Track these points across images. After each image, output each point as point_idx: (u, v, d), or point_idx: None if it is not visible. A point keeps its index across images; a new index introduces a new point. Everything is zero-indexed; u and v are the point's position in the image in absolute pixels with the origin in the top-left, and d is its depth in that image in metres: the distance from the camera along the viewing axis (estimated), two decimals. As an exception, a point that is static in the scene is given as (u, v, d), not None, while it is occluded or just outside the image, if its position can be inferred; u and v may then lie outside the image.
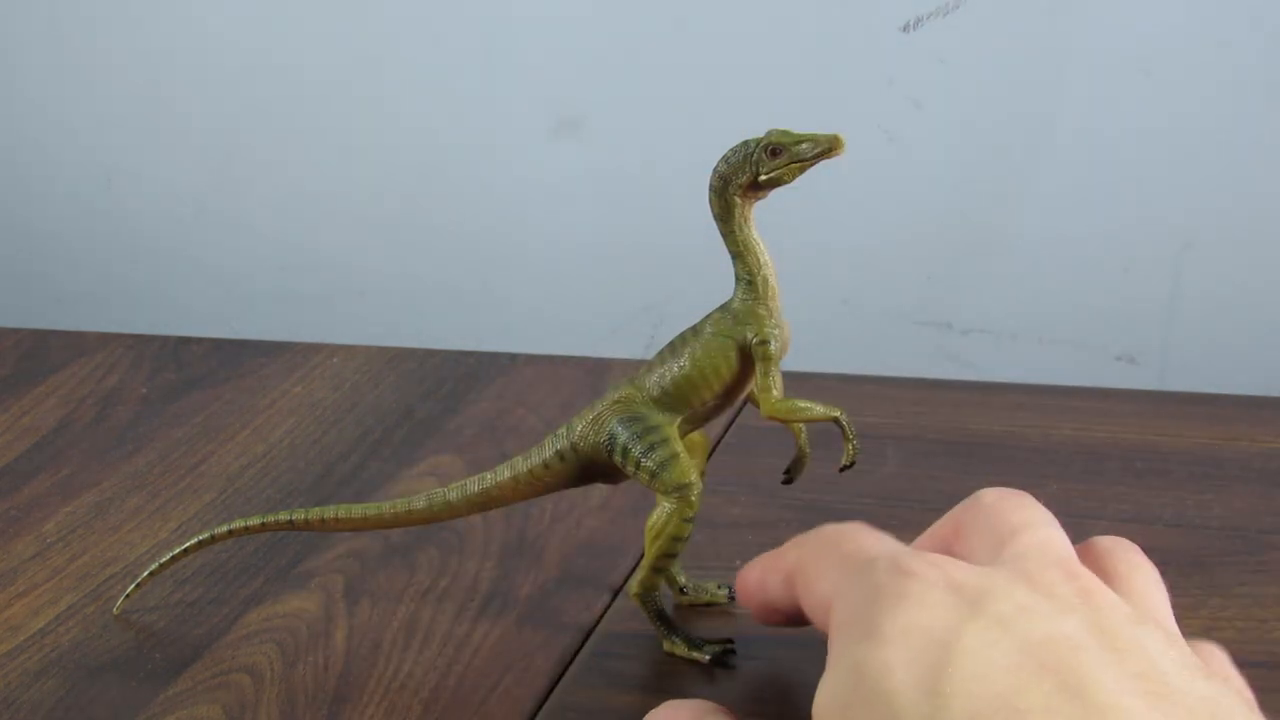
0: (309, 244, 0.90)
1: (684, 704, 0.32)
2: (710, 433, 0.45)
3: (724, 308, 0.38)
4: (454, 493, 0.41)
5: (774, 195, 0.38)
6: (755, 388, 0.38)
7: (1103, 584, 0.29)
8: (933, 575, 0.29)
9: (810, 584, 0.32)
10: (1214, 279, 0.76)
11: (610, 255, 0.84)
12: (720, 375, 0.38)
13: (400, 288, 0.89)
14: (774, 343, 0.37)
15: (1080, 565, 0.30)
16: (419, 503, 0.41)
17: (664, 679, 0.39)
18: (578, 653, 0.41)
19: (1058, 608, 0.28)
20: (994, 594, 0.28)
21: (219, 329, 0.88)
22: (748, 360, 0.38)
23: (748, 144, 0.37)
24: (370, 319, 0.90)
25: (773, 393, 0.37)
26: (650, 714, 0.33)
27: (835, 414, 0.37)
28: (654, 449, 0.38)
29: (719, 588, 0.42)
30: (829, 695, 0.28)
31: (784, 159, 0.36)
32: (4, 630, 0.43)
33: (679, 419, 0.38)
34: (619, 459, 0.38)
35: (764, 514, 0.47)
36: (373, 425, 0.57)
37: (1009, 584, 0.28)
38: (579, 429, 0.39)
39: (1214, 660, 0.30)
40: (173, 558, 0.43)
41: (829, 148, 0.36)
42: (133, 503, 0.51)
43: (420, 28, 0.83)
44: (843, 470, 0.38)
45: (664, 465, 0.38)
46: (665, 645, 0.40)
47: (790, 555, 0.34)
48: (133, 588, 0.43)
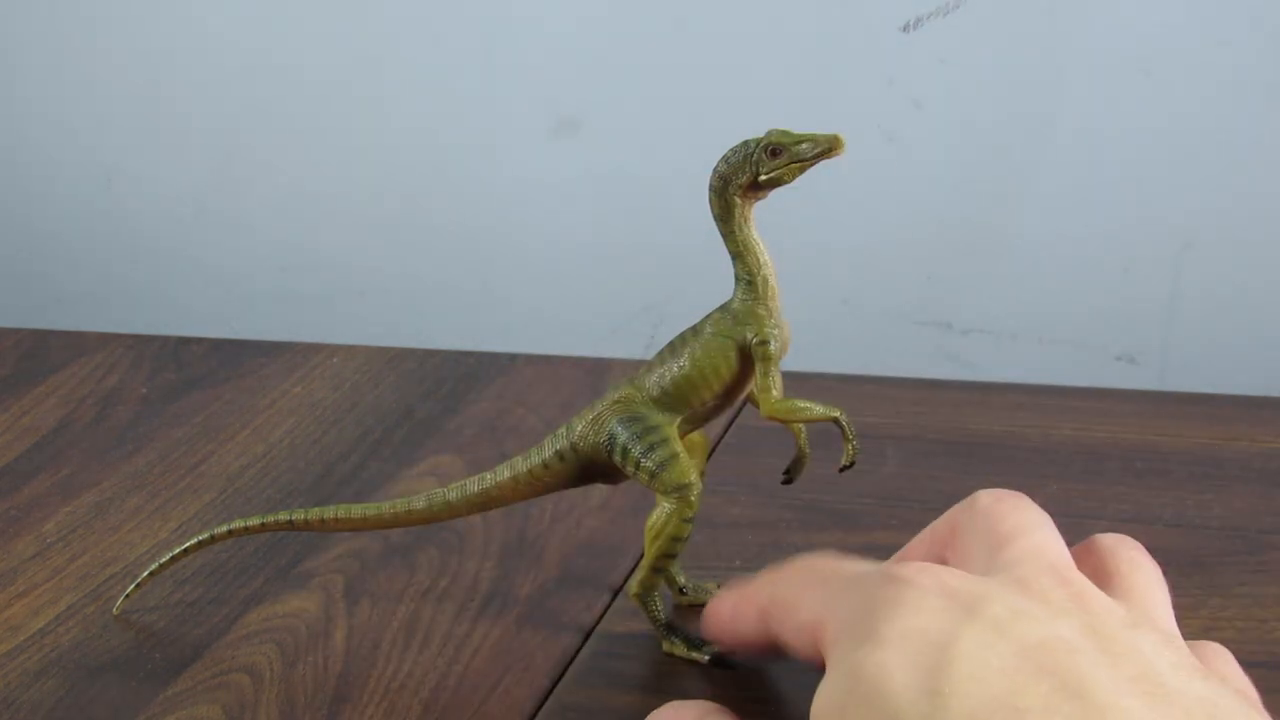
0: (309, 244, 0.90)
1: (686, 705, 0.32)
2: (710, 433, 0.45)
3: (724, 308, 0.38)
4: (454, 493, 0.41)
5: (774, 195, 0.38)
6: (755, 388, 0.38)
7: (1096, 588, 0.29)
8: (926, 582, 0.29)
9: (790, 613, 0.32)
10: (1214, 279, 0.76)
11: (610, 255, 0.84)
12: (720, 375, 0.38)
13: (400, 288, 0.89)
14: (774, 343, 0.37)
15: (1074, 570, 0.30)
16: (419, 503, 0.41)
17: (664, 679, 0.39)
18: (578, 653, 0.41)
19: (1052, 612, 0.28)
20: (988, 599, 0.28)
21: (219, 329, 0.88)
22: (747, 360, 0.38)
23: (748, 144, 0.37)
24: (370, 319, 0.90)
25: (772, 393, 0.37)
26: (652, 715, 0.33)
27: (835, 414, 0.37)
28: (654, 449, 0.38)
29: (719, 588, 0.42)
30: (827, 698, 0.28)
31: (784, 159, 0.36)
32: (4, 630, 0.43)
33: (679, 419, 0.38)
34: (619, 459, 0.38)
35: (764, 514, 0.47)
36: (373, 425, 0.57)
37: (1003, 590, 0.29)
38: (579, 429, 0.39)
39: (1219, 661, 0.30)
40: (172, 558, 0.43)
41: (829, 148, 0.36)
42: (133, 503, 0.51)
43: (420, 28, 0.83)
44: (842, 470, 0.38)
45: (663, 465, 0.38)
46: (665, 645, 0.40)
47: (764, 590, 0.34)
48: (132, 588, 0.43)
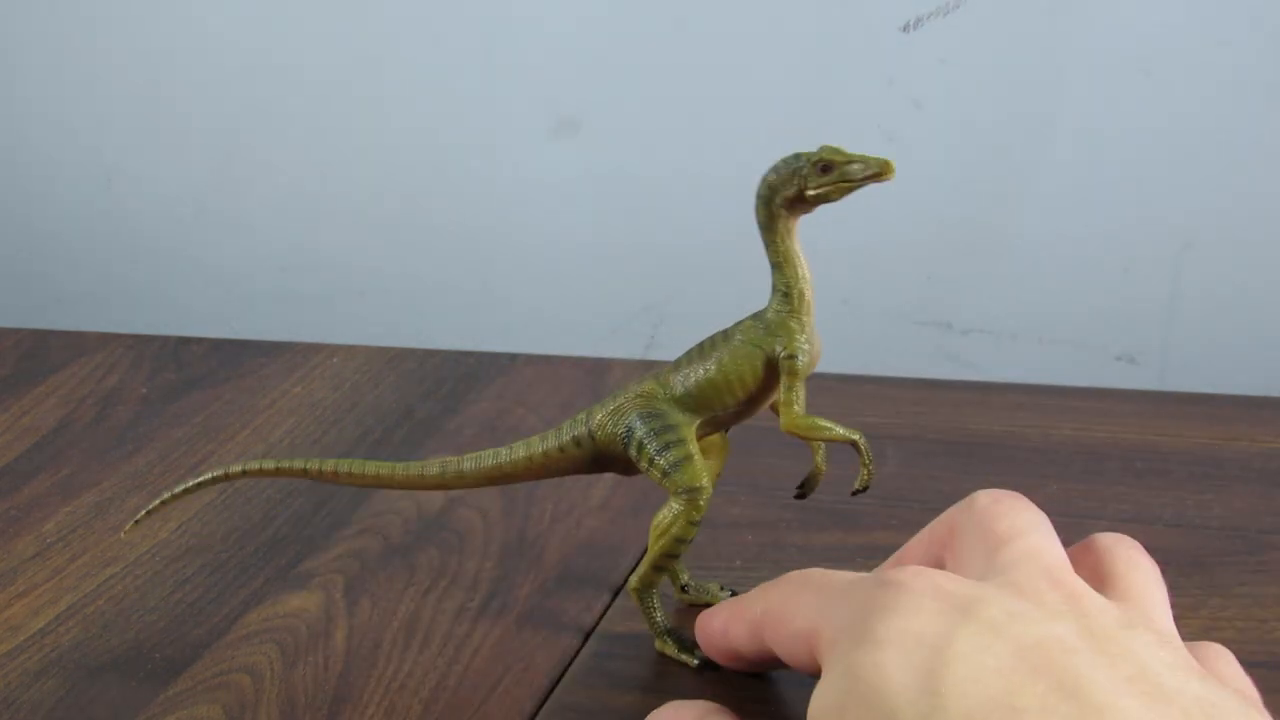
0: (309, 244, 0.90)
1: (685, 705, 0.32)
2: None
3: (757, 316, 0.38)
4: (468, 463, 0.41)
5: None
6: (778, 401, 0.38)
7: (1091, 590, 0.29)
8: (921, 585, 0.29)
9: (785, 623, 0.33)
10: (1214, 279, 0.76)
11: (610, 255, 0.84)
12: (745, 383, 0.38)
13: (400, 288, 0.89)
14: (801, 358, 0.37)
15: (1069, 572, 0.30)
16: (432, 468, 0.41)
17: (664, 679, 0.39)
18: (578, 653, 0.41)
19: (1047, 614, 0.28)
20: (983, 601, 0.28)
21: (219, 329, 0.88)
22: (774, 372, 0.38)
23: (799, 157, 0.36)
24: (370, 319, 0.90)
25: (795, 408, 0.37)
26: (652, 715, 0.33)
27: (854, 437, 0.37)
28: (669, 448, 0.38)
29: (721, 589, 0.42)
30: (824, 699, 0.28)
31: (833, 177, 0.36)
32: (4, 630, 0.43)
33: (699, 421, 0.38)
34: (634, 453, 0.38)
35: (764, 514, 0.47)
36: (373, 425, 0.57)
37: (998, 593, 0.29)
38: (599, 417, 0.39)
39: (1220, 661, 0.30)
40: (185, 490, 0.43)
41: (879, 171, 0.35)
42: (133, 503, 0.51)
43: (420, 28, 0.83)
44: (855, 494, 0.38)
45: (677, 465, 0.38)
46: (657, 644, 0.40)
47: (756, 605, 0.34)
48: (143, 514, 0.44)
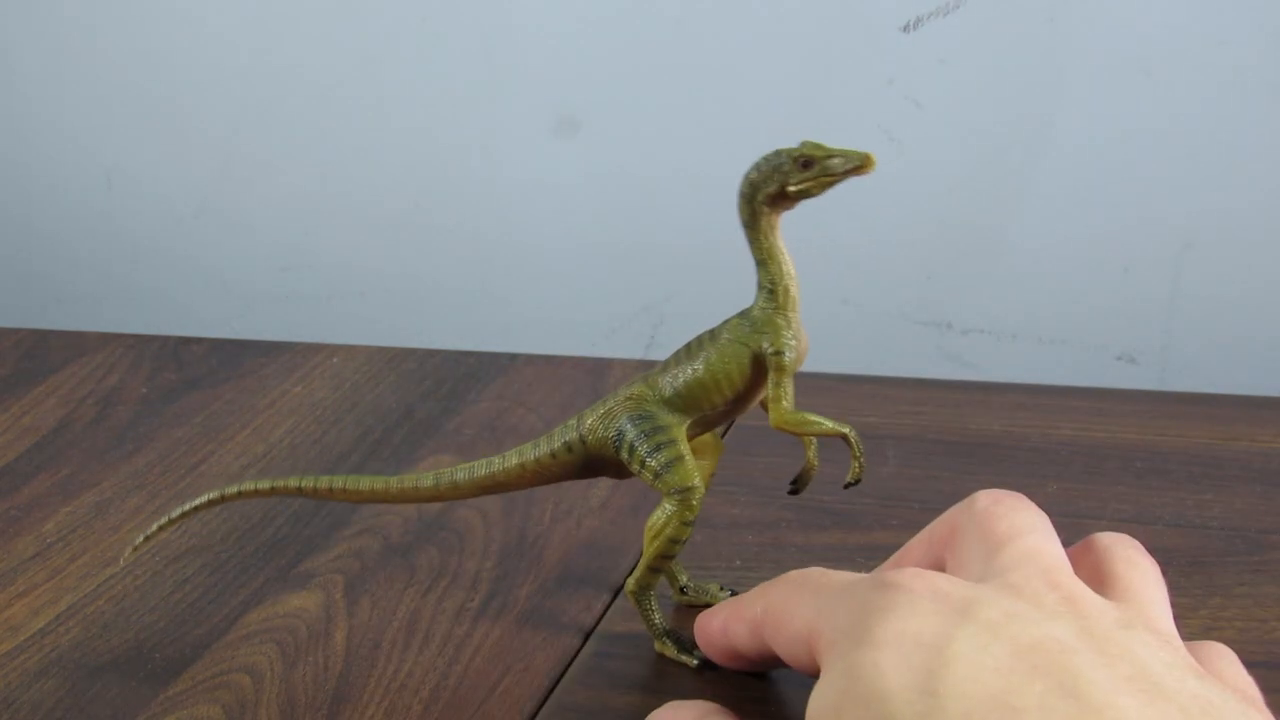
0: (309, 244, 0.90)
1: (685, 705, 0.32)
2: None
3: (744, 314, 0.38)
4: (461, 474, 0.41)
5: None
6: (767, 397, 0.38)
7: (1089, 590, 0.29)
8: (919, 586, 0.29)
9: (784, 624, 0.33)
10: (1214, 279, 0.76)
11: (610, 255, 0.84)
12: (733, 381, 0.38)
13: (400, 288, 0.89)
14: (789, 354, 0.37)
15: (1067, 573, 0.30)
16: (426, 480, 0.41)
17: (664, 679, 0.39)
18: (578, 653, 0.41)
19: (1045, 615, 0.28)
20: (981, 602, 0.28)
21: (219, 329, 0.88)
22: (761, 369, 0.38)
23: (780, 154, 0.36)
24: (370, 319, 0.90)
25: (783, 404, 0.37)
26: (652, 715, 0.33)
27: (844, 430, 0.37)
28: (660, 449, 0.38)
29: (720, 589, 0.42)
30: (823, 699, 0.28)
31: (814, 172, 0.36)
32: (4, 630, 0.43)
33: (689, 421, 0.38)
34: (625, 455, 0.38)
35: (764, 514, 0.47)
36: (373, 425, 0.57)
37: (996, 594, 0.29)
38: (589, 422, 0.39)
39: (1222, 661, 0.30)
40: (182, 514, 0.43)
41: (860, 165, 0.35)
42: (133, 503, 0.51)
43: (420, 28, 0.83)
44: (847, 487, 0.38)
45: (668, 466, 0.38)
46: (656, 645, 0.40)
47: (756, 604, 0.34)
48: (141, 540, 0.43)
